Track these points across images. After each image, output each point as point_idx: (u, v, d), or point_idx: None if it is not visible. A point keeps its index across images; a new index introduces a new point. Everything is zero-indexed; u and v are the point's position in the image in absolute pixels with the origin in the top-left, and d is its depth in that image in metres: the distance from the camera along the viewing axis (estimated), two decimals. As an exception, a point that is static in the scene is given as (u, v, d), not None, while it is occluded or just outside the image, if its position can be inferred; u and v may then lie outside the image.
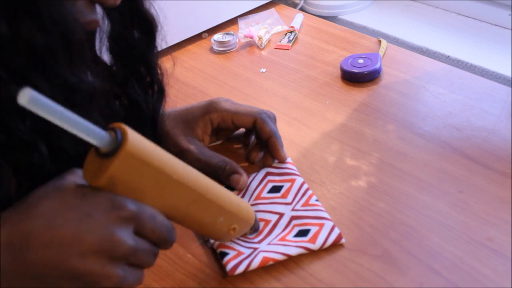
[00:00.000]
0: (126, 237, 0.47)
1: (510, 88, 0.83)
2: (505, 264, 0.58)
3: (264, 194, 0.69)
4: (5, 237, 0.45)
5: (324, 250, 0.62)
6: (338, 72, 0.91)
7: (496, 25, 1.08)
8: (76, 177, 0.48)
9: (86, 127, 0.43)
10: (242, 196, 0.70)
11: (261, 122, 0.73)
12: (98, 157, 0.46)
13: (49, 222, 0.45)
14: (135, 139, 0.46)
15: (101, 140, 0.45)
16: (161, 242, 0.51)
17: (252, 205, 0.68)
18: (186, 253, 0.64)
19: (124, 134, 0.45)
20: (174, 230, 0.52)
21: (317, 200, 0.67)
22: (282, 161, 0.73)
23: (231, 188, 0.69)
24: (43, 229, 0.45)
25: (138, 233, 0.48)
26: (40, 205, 0.46)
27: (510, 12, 1.05)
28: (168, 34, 1.01)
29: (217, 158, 0.71)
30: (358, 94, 0.86)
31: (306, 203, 0.67)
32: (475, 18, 1.11)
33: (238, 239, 0.64)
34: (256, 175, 0.72)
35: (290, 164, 0.72)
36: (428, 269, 0.59)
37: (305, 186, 0.69)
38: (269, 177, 0.71)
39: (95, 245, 0.45)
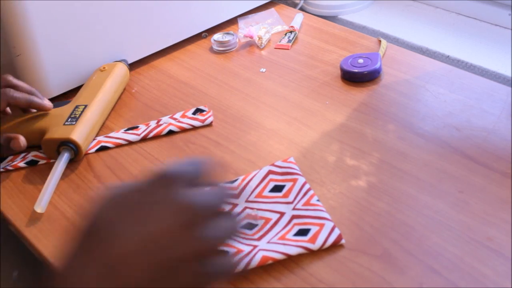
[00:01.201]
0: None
1: (510, 88, 0.83)
2: (505, 264, 0.58)
3: (266, 193, 0.69)
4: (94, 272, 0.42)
5: (324, 250, 0.62)
6: (338, 72, 0.91)
7: (496, 25, 1.08)
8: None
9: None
10: (241, 192, 0.70)
11: None
12: None
13: (116, 238, 0.42)
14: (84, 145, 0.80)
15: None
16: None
17: (252, 202, 0.69)
18: (186, 253, 0.64)
19: (78, 148, 0.78)
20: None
21: (318, 200, 0.67)
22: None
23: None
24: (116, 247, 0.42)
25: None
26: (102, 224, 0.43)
27: (510, 12, 1.05)
28: (168, 34, 1.02)
29: None
30: (358, 94, 0.86)
31: (307, 203, 0.67)
32: (475, 18, 1.10)
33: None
34: (258, 172, 0.72)
35: (293, 164, 0.72)
36: (428, 269, 0.59)
37: (307, 186, 0.69)
38: (271, 176, 0.71)
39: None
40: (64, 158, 0.76)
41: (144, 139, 0.82)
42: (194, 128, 0.83)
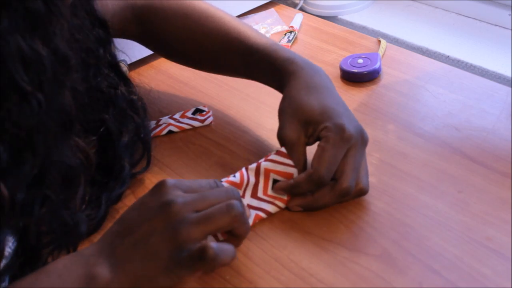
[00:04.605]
0: (175, 198, 0.54)
1: (510, 88, 0.83)
2: (505, 264, 0.58)
3: (270, 191, 0.68)
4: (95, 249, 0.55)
5: (324, 250, 0.62)
6: (338, 72, 0.91)
7: (496, 25, 1.08)
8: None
9: None
10: (244, 189, 0.68)
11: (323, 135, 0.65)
12: None
13: (124, 230, 0.55)
14: None
15: None
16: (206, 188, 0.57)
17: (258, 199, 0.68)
18: (186, 253, 0.64)
19: None
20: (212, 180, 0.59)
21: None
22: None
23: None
24: (120, 236, 0.54)
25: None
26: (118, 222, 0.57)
27: (510, 12, 1.05)
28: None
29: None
30: (358, 94, 0.86)
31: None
32: (475, 18, 1.11)
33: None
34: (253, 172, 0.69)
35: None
36: (428, 269, 0.59)
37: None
38: (272, 175, 0.69)
39: (157, 222, 0.53)
40: None
41: (144, 139, 0.82)
42: (194, 128, 0.83)
